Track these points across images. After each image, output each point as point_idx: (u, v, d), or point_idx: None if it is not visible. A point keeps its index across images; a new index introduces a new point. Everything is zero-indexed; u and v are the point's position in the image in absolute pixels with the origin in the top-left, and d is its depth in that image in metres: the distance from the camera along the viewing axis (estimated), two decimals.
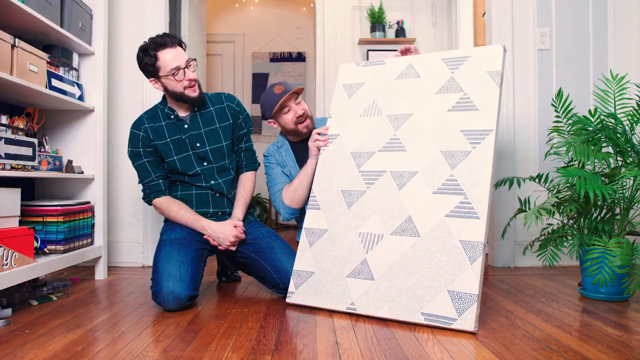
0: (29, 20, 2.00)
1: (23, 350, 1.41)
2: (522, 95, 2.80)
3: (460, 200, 1.69)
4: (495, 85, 1.78)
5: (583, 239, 2.01)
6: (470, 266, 1.60)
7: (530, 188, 2.67)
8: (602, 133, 2.03)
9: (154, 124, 2.06)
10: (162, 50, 1.95)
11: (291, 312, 1.83)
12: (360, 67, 2.14)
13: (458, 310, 1.58)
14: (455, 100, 1.83)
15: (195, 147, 2.07)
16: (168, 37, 1.97)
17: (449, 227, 1.68)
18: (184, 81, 1.97)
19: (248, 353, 1.38)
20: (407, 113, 1.92)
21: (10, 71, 1.85)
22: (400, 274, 1.71)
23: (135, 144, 2.04)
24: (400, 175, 1.84)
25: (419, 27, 4.01)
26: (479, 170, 1.69)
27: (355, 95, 2.09)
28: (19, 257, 1.81)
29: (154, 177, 2.04)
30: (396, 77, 2.02)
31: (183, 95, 2.00)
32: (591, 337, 1.51)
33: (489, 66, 1.82)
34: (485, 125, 1.74)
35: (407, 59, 2.03)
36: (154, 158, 2.05)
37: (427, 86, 1.92)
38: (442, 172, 1.75)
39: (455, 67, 1.89)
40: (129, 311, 1.85)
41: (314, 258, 1.92)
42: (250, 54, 5.77)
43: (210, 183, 2.09)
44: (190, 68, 1.99)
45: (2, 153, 1.76)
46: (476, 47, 1.94)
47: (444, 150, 1.78)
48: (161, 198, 2.04)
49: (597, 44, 2.81)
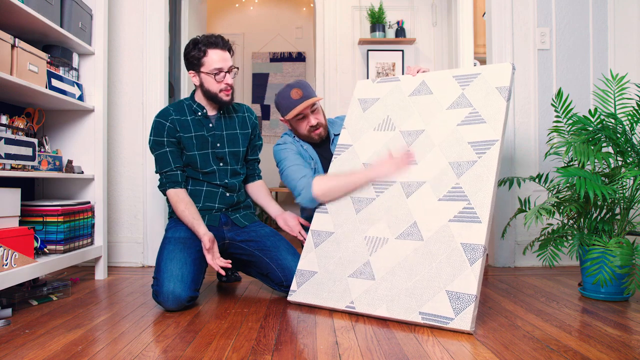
0: (29, 20, 2.00)
1: (23, 350, 1.41)
2: (522, 95, 2.81)
3: (463, 205, 1.73)
4: (503, 99, 1.84)
5: (583, 239, 2.01)
6: (470, 267, 1.62)
7: (530, 188, 2.68)
8: (602, 133, 2.03)
9: (180, 117, 2.09)
10: (212, 48, 2.02)
11: (291, 312, 1.83)
12: (376, 84, 2.21)
13: (455, 310, 1.59)
14: (464, 115, 1.89)
15: (216, 147, 2.12)
16: (221, 39, 2.05)
17: (451, 231, 1.71)
18: (222, 84, 2.04)
19: (248, 353, 1.38)
20: (420, 129, 1.98)
21: (10, 71, 1.85)
22: (401, 275, 1.74)
23: (159, 133, 2.06)
24: (409, 184, 1.89)
25: (419, 27, 4.01)
26: (483, 177, 1.74)
27: (369, 110, 2.16)
28: (19, 257, 1.81)
29: (173, 167, 2.06)
30: (410, 93, 2.09)
31: (216, 97, 2.07)
32: (591, 337, 1.51)
33: (498, 82, 1.88)
34: (491, 135, 1.79)
35: (420, 76, 2.10)
36: (176, 149, 2.08)
37: (439, 102, 1.99)
38: (448, 181, 1.80)
39: (465, 84, 1.95)
40: (129, 311, 1.85)
41: (318, 258, 1.95)
42: (251, 54, 5.77)
43: (224, 181, 2.13)
44: (231, 74, 2.07)
45: (2, 153, 1.76)
46: (486, 65, 2.00)
47: (452, 162, 1.83)
48: (175, 189, 2.06)
49: (597, 44, 2.81)
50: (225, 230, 2.12)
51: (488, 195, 1.70)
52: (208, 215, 2.09)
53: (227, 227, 2.13)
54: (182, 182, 2.08)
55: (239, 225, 2.15)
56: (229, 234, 2.11)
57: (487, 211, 1.67)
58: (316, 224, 2.03)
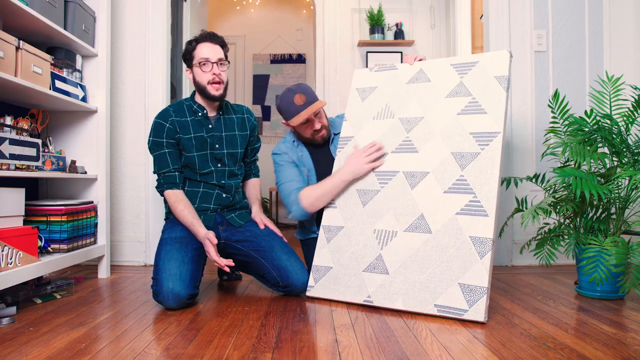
0: (33, 22, 2.03)
1: (27, 347, 1.43)
2: (519, 97, 2.83)
3: (469, 199, 1.77)
4: (502, 89, 1.85)
5: (579, 238, 2.04)
6: (480, 261, 1.68)
7: (527, 188, 2.70)
8: (598, 134, 2.05)
9: (179, 118, 2.11)
10: (202, 42, 2.08)
11: (292, 310, 1.85)
12: (373, 72, 2.21)
13: (469, 302, 1.66)
14: (464, 104, 1.90)
15: (214, 148, 2.14)
16: (214, 35, 2.11)
17: (459, 224, 1.76)
18: (209, 74, 2.05)
19: (249, 351, 1.40)
20: (419, 116, 1.99)
21: (15, 73, 1.87)
22: (413, 268, 1.79)
23: (159, 134, 2.08)
24: (412, 175, 1.91)
25: (417, 29, 4.04)
26: (487, 170, 1.77)
27: (368, 99, 2.16)
28: (23, 256, 1.83)
29: (171, 168, 2.09)
30: (407, 81, 2.09)
31: (205, 90, 2.08)
32: (587, 334, 1.54)
33: (496, 71, 1.89)
34: (493, 127, 1.81)
35: (417, 64, 2.10)
36: (175, 150, 2.10)
37: (437, 90, 1.99)
38: (452, 172, 1.83)
39: (463, 72, 1.96)
40: (131, 309, 1.87)
41: (331, 254, 2.00)
42: (251, 56, 5.80)
43: (221, 182, 2.16)
44: (220, 67, 2.08)
45: (6, 153, 1.78)
46: (483, 53, 2.00)
47: (454, 152, 1.85)
48: (173, 190, 2.08)
49: (593, 46, 2.84)
50: (220, 230, 2.13)
51: (493, 189, 1.74)
52: (203, 215, 2.11)
53: (222, 227, 2.14)
54: (180, 183, 2.10)
55: (234, 225, 2.16)
56: (224, 234, 2.13)
57: (494, 205, 1.73)
58: (326, 219, 2.07)
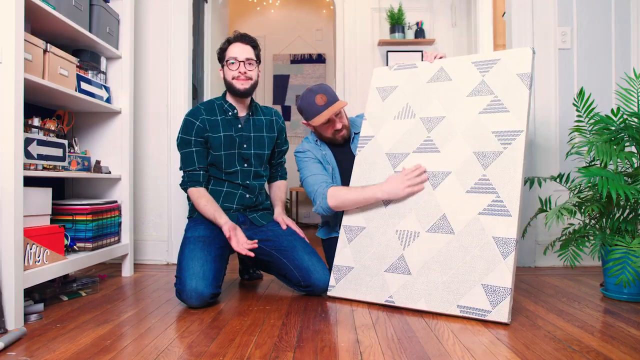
0: (59, 26, 2.07)
1: (55, 343, 1.47)
2: (543, 95, 2.79)
3: (492, 198, 1.74)
4: (525, 87, 1.82)
5: (605, 239, 2.00)
6: (503, 261, 1.66)
7: (551, 188, 2.65)
8: (625, 132, 2.01)
9: (210, 117, 2.15)
10: (234, 42, 2.14)
11: (313, 310, 1.86)
12: (393, 71, 2.19)
13: (492, 303, 1.64)
14: (486, 102, 1.88)
15: (242, 148, 2.17)
16: (246, 36, 2.16)
17: (482, 224, 1.74)
18: (235, 71, 2.10)
19: (271, 349, 1.41)
20: (440, 115, 1.97)
21: (42, 75, 1.91)
22: (436, 269, 1.78)
23: (188, 132, 2.12)
24: (434, 175, 1.89)
25: (438, 28, 4.00)
26: (510, 169, 1.74)
27: (388, 99, 2.14)
28: (50, 254, 1.88)
29: (197, 167, 2.12)
30: (428, 80, 2.06)
31: (231, 85, 2.13)
32: (614, 338, 1.51)
33: (519, 69, 1.85)
34: (516, 126, 1.78)
35: (438, 62, 2.07)
36: (202, 149, 2.13)
37: (458, 89, 1.97)
38: (474, 171, 1.81)
39: (485, 70, 1.93)
40: (154, 307, 1.90)
41: (353, 254, 1.99)
42: (272, 56, 5.82)
43: (245, 182, 2.18)
44: (247, 66, 2.12)
45: (34, 154, 1.83)
46: (505, 50, 1.96)
47: (477, 151, 1.83)
48: (196, 188, 2.12)
49: (619, 43, 2.78)
50: (243, 229, 2.13)
51: (516, 189, 1.71)
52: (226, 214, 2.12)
53: (244, 226, 2.16)
54: (204, 182, 2.14)
55: (256, 225, 2.18)
56: (246, 233, 2.12)
57: (517, 205, 1.70)
58: (348, 219, 2.06)
